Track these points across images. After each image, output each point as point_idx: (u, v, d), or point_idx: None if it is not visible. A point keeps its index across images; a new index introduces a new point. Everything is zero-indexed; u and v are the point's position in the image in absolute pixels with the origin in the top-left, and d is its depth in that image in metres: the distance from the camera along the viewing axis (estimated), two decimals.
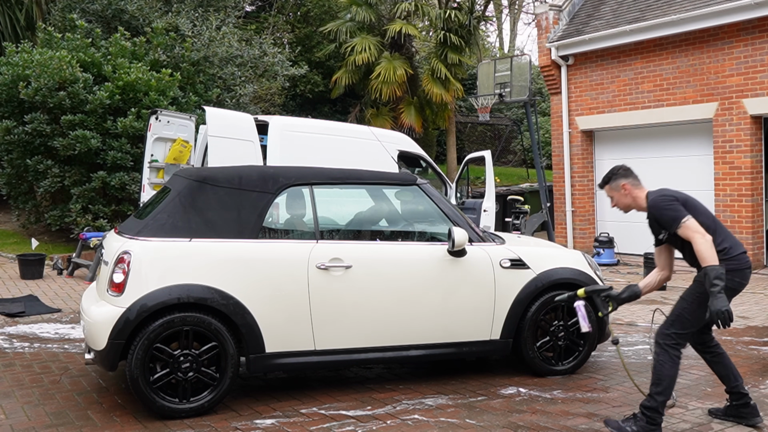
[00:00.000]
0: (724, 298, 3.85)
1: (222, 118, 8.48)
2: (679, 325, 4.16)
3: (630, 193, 4.31)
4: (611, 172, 4.39)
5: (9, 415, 4.59)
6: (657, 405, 4.10)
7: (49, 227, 12.76)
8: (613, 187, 4.37)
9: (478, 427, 4.37)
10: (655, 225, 4.26)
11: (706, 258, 3.93)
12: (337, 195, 5.41)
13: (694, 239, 3.99)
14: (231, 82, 15.41)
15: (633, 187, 4.31)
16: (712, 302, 3.86)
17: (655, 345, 4.21)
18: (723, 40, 11.05)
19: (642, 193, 4.31)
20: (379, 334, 4.94)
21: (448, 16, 18.96)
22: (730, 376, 4.33)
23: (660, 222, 4.17)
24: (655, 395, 4.11)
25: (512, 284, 5.27)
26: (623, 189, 4.32)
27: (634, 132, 12.61)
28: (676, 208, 4.08)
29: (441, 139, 24.05)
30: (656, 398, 4.10)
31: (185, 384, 4.49)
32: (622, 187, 4.32)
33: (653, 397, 4.11)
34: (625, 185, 4.31)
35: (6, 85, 11.95)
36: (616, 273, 11.20)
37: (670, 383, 4.11)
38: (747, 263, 4.14)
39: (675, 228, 4.07)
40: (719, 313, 3.82)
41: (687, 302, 4.17)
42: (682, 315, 4.17)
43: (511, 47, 33.68)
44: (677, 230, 4.06)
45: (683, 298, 4.21)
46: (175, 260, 4.54)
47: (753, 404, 4.36)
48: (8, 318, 7.57)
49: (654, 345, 4.22)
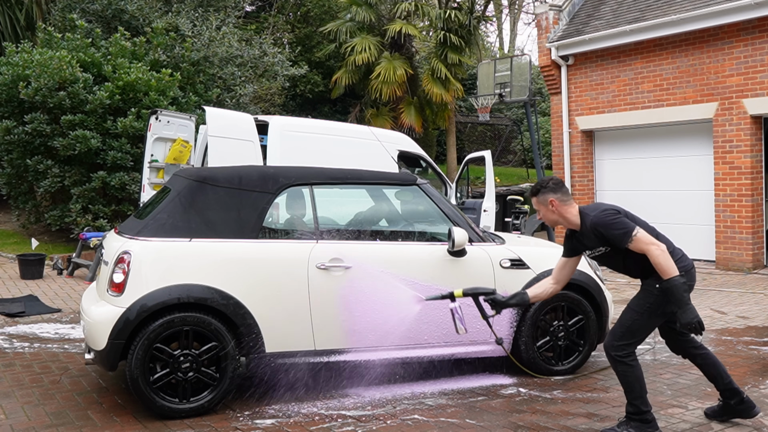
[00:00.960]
0: (692, 308, 3.79)
1: (222, 118, 8.48)
2: (629, 336, 4.06)
3: (557, 209, 4.13)
4: (539, 184, 4.21)
5: (9, 415, 4.59)
6: (639, 407, 4.08)
7: (49, 227, 12.76)
8: (540, 201, 4.19)
9: (478, 427, 4.36)
10: (592, 241, 4.09)
11: (667, 269, 3.81)
12: (337, 195, 5.42)
13: (649, 251, 3.86)
14: (231, 82, 15.41)
15: (560, 203, 4.13)
16: (681, 315, 3.79)
17: (608, 357, 4.12)
18: (723, 40, 11.05)
19: (572, 210, 4.13)
20: (378, 334, 4.93)
21: (448, 16, 18.96)
22: (722, 374, 4.27)
23: (607, 238, 3.98)
24: (633, 401, 4.09)
25: (512, 284, 5.26)
26: (550, 204, 4.14)
27: (634, 132, 12.61)
28: (624, 222, 3.94)
29: (441, 139, 24.05)
30: (635, 403, 4.08)
31: (185, 384, 4.49)
32: (550, 203, 4.14)
33: (632, 403, 4.10)
34: (552, 201, 4.13)
35: (6, 85, 11.95)
36: (615, 273, 11.19)
37: (641, 384, 4.07)
38: (691, 262, 4.09)
39: (626, 242, 3.91)
40: (691, 324, 3.76)
41: (638, 314, 4.05)
42: (632, 327, 4.06)
43: (511, 47, 33.68)
44: (628, 244, 3.91)
45: (632, 309, 4.09)
46: (175, 260, 4.54)
47: (746, 397, 4.32)
48: (8, 318, 7.57)
49: (607, 357, 4.14)
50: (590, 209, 4.10)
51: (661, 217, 11.70)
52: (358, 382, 5.27)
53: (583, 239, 4.15)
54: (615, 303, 5.95)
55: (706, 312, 7.79)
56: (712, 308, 8.15)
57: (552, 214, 4.17)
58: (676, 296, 3.80)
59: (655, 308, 4.01)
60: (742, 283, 9.87)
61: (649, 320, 4.06)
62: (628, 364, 4.05)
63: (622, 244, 3.93)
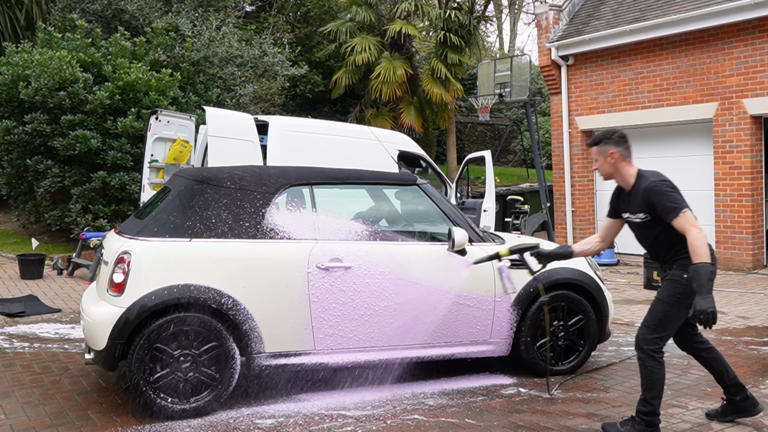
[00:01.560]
0: (712, 298, 3.75)
1: (222, 118, 8.48)
2: (662, 328, 4.02)
3: (616, 163, 4.12)
4: (603, 134, 4.17)
5: (9, 415, 4.59)
6: (654, 408, 4.03)
7: (49, 227, 12.76)
8: (600, 151, 4.16)
9: (478, 427, 4.36)
10: (637, 205, 4.06)
11: (701, 254, 3.80)
12: (337, 195, 5.41)
13: (690, 232, 3.85)
14: (231, 82, 15.41)
15: (621, 158, 4.11)
16: (699, 301, 3.74)
17: (638, 351, 4.06)
18: (723, 40, 11.05)
19: (630, 169, 4.12)
20: (378, 334, 4.93)
21: (448, 16, 18.96)
22: (727, 370, 4.26)
23: (655, 207, 3.95)
24: (650, 400, 4.03)
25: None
26: (610, 156, 4.12)
27: (634, 132, 12.60)
28: (678, 197, 3.94)
29: (441, 139, 24.05)
30: (651, 402, 4.03)
31: (185, 384, 4.49)
32: (610, 154, 4.12)
33: (649, 402, 4.03)
34: (613, 153, 4.11)
35: (6, 85, 11.95)
36: (616, 273, 11.20)
37: (662, 384, 4.03)
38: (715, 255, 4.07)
39: (672, 217, 3.89)
40: (705, 312, 3.70)
41: (668, 305, 4.03)
42: (666, 318, 4.02)
43: (511, 47, 33.68)
44: (674, 219, 3.89)
45: (662, 300, 4.06)
46: (175, 260, 4.54)
47: (750, 395, 4.30)
48: (8, 318, 7.57)
49: (637, 351, 4.07)
50: (650, 174, 4.07)
51: None
52: (358, 382, 5.27)
53: (629, 201, 4.12)
54: (615, 303, 5.96)
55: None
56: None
57: (608, 167, 4.15)
58: (701, 281, 3.77)
59: (684, 298, 3.97)
60: (742, 283, 9.87)
61: (678, 311, 4.02)
62: (657, 360, 4.01)
63: (668, 217, 3.91)
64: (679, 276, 4.00)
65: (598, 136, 4.20)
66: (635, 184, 4.10)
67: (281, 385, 5.21)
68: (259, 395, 4.98)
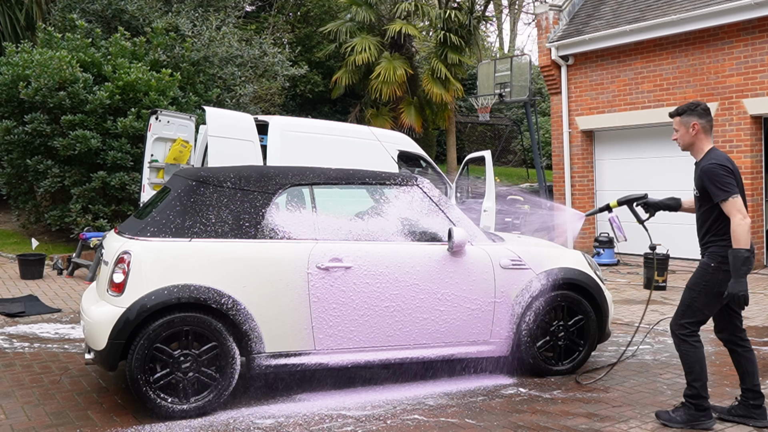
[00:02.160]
0: (745, 282, 3.95)
1: (222, 118, 8.47)
2: (690, 314, 4.24)
3: (697, 135, 4.28)
4: (690, 104, 4.32)
5: (9, 415, 4.59)
6: (698, 391, 4.23)
7: (49, 227, 12.76)
8: (683, 122, 4.31)
9: (478, 427, 4.37)
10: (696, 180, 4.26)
11: (742, 239, 3.99)
12: (337, 195, 5.41)
13: (734, 217, 4.03)
14: (231, 82, 15.41)
15: (702, 130, 4.27)
16: (733, 285, 3.97)
17: (672, 336, 4.32)
18: (723, 40, 11.05)
19: (706, 144, 4.27)
20: (378, 334, 4.94)
21: (448, 16, 18.97)
22: (755, 373, 4.34)
23: (706, 187, 4.15)
24: (692, 383, 4.25)
25: (512, 284, 5.28)
26: (692, 127, 4.28)
27: (634, 132, 12.61)
28: (729, 183, 4.09)
29: (441, 139, 24.06)
30: (694, 385, 4.24)
31: (185, 384, 4.49)
32: (693, 125, 4.27)
33: (692, 386, 4.25)
34: (695, 124, 4.26)
35: (6, 85, 11.95)
36: (616, 273, 11.20)
37: (702, 367, 4.23)
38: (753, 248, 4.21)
39: (719, 199, 4.08)
40: (737, 296, 3.95)
41: (695, 291, 4.23)
42: (692, 305, 4.23)
43: (511, 47, 33.68)
44: (722, 202, 4.08)
45: (690, 287, 4.27)
46: (175, 260, 4.54)
47: (764, 407, 4.33)
48: (8, 318, 7.57)
49: (672, 336, 4.32)
50: (714, 156, 4.21)
51: (661, 217, 11.69)
52: (358, 382, 5.27)
53: (695, 172, 4.30)
54: (615, 303, 5.96)
55: None
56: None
57: (689, 138, 4.30)
58: (735, 265, 3.98)
59: (711, 286, 4.16)
60: None
61: (707, 298, 4.20)
62: (690, 344, 4.22)
63: (716, 198, 4.09)
64: (707, 264, 4.21)
65: (682, 106, 4.36)
66: (702, 159, 4.27)
67: (281, 385, 5.22)
68: (259, 395, 4.98)
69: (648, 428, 4.32)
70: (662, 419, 4.35)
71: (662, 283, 9.67)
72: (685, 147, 4.36)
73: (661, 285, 9.64)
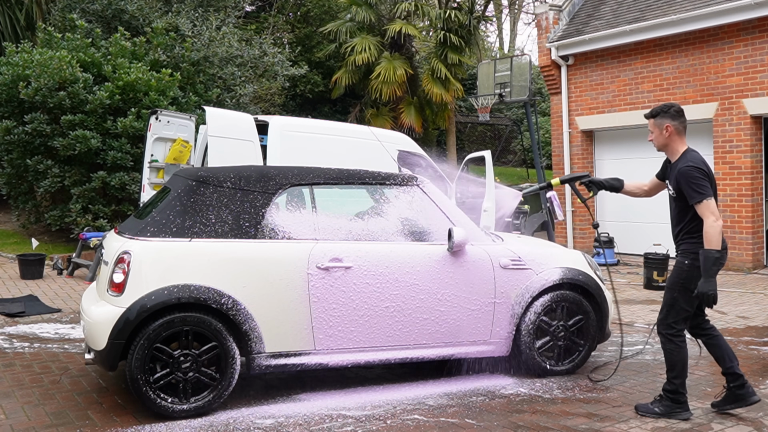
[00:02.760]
0: (714, 282, 4.15)
1: (222, 118, 8.47)
2: (675, 313, 4.41)
3: (670, 136, 4.40)
4: (661, 107, 4.45)
5: (9, 415, 4.59)
6: (676, 387, 4.42)
7: (49, 227, 12.75)
8: (657, 123, 4.44)
9: (478, 427, 4.37)
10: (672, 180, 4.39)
11: (711, 241, 4.14)
12: (337, 195, 5.41)
13: (707, 219, 4.17)
14: (231, 82, 15.40)
15: (675, 132, 4.40)
16: (702, 284, 4.15)
17: (659, 336, 4.48)
18: (723, 40, 11.05)
19: (680, 146, 4.40)
20: (378, 334, 4.94)
21: (448, 16, 18.96)
22: (725, 357, 4.49)
23: (682, 189, 4.29)
24: (672, 379, 4.45)
25: (512, 284, 5.28)
26: (665, 129, 4.40)
27: (634, 132, 12.61)
28: (704, 185, 4.21)
29: (441, 139, 24.04)
30: (674, 381, 4.45)
31: (185, 384, 4.49)
32: (666, 128, 4.40)
33: (672, 382, 4.45)
34: (668, 126, 4.38)
35: (6, 85, 11.94)
36: (616, 273, 11.20)
37: (683, 366, 4.41)
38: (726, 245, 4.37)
39: (693, 201, 4.23)
40: (707, 295, 4.13)
41: (675, 291, 4.41)
42: (675, 304, 4.40)
43: (511, 47, 33.68)
44: (696, 204, 4.22)
45: (668, 287, 4.46)
46: (175, 260, 4.54)
47: (748, 385, 4.49)
48: (8, 318, 7.57)
49: (658, 335, 4.49)
50: (690, 158, 4.34)
51: (661, 217, 11.69)
52: (358, 382, 5.27)
53: (670, 173, 4.46)
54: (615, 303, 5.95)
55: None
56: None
57: (663, 139, 4.44)
58: (706, 265, 4.14)
59: (687, 283, 4.33)
60: (742, 283, 9.87)
61: (685, 295, 4.36)
62: (675, 343, 4.42)
63: (691, 200, 4.26)
64: (681, 263, 4.38)
65: (656, 108, 4.49)
66: (678, 160, 4.40)
67: (281, 385, 5.22)
68: (259, 395, 4.99)
69: (648, 428, 4.32)
70: (641, 411, 4.52)
71: (662, 282, 9.68)
72: (660, 148, 4.50)
73: (661, 285, 9.64)
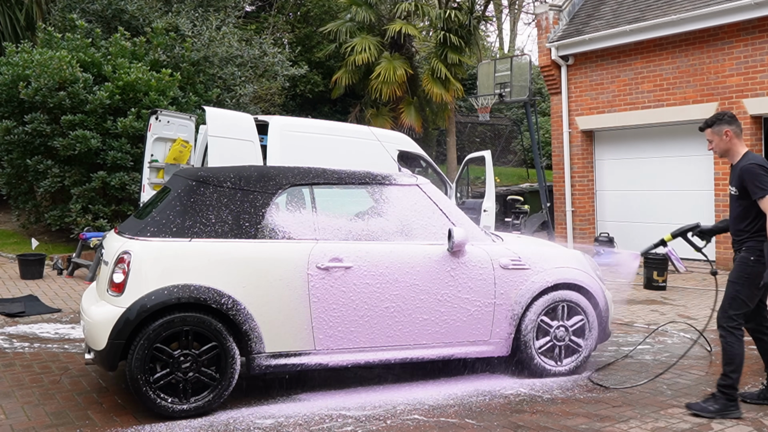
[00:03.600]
0: None
1: (222, 118, 8.48)
2: (736, 305, 4.48)
3: (731, 141, 4.56)
4: (718, 115, 4.61)
5: (9, 415, 4.59)
6: (732, 382, 4.45)
7: (49, 227, 12.76)
8: (715, 131, 4.59)
9: (478, 427, 4.37)
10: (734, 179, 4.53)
11: None
12: (337, 195, 5.41)
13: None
14: (231, 82, 15.41)
15: (735, 135, 4.56)
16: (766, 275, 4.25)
17: (719, 329, 4.52)
18: (723, 40, 11.05)
19: (741, 149, 4.56)
20: (378, 334, 4.94)
21: (448, 16, 18.96)
22: None
23: (745, 185, 4.41)
24: (729, 374, 4.47)
25: (512, 284, 5.28)
26: (725, 135, 4.56)
27: (634, 132, 12.61)
28: (766, 182, 4.33)
29: (441, 139, 24.04)
30: (731, 376, 4.46)
31: (185, 384, 4.49)
32: (725, 133, 4.56)
33: (728, 376, 4.47)
34: (728, 131, 4.55)
35: (6, 85, 11.95)
36: (616, 273, 11.19)
37: (741, 359, 4.46)
38: None
39: (756, 196, 4.35)
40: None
41: (738, 284, 4.48)
42: (737, 296, 4.47)
43: (511, 47, 33.68)
44: (759, 199, 4.34)
45: (733, 281, 4.51)
46: (175, 260, 4.54)
47: None
48: (8, 318, 7.57)
49: (718, 329, 4.53)
50: (752, 157, 4.52)
51: (661, 217, 11.71)
52: (358, 382, 5.27)
53: (732, 174, 4.61)
54: (615, 303, 5.96)
55: (706, 312, 7.78)
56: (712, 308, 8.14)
57: (724, 144, 4.60)
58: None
59: (752, 279, 4.44)
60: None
61: (749, 290, 4.46)
62: (736, 336, 4.48)
63: (753, 196, 4.38)
64: (747, 258, 4.47)
65: (710, 118, 4.69)
66: (740, 161, 4.55)
67: (281, 385, 5.22)
68: (259, 395, 4.99)
69: (648, 428, 4.32)
70: (694, 410, 4.52)
71: (662, 282, 9.68)
72: (723, 153, 4.63)
73: (661, 285, 9.64)
